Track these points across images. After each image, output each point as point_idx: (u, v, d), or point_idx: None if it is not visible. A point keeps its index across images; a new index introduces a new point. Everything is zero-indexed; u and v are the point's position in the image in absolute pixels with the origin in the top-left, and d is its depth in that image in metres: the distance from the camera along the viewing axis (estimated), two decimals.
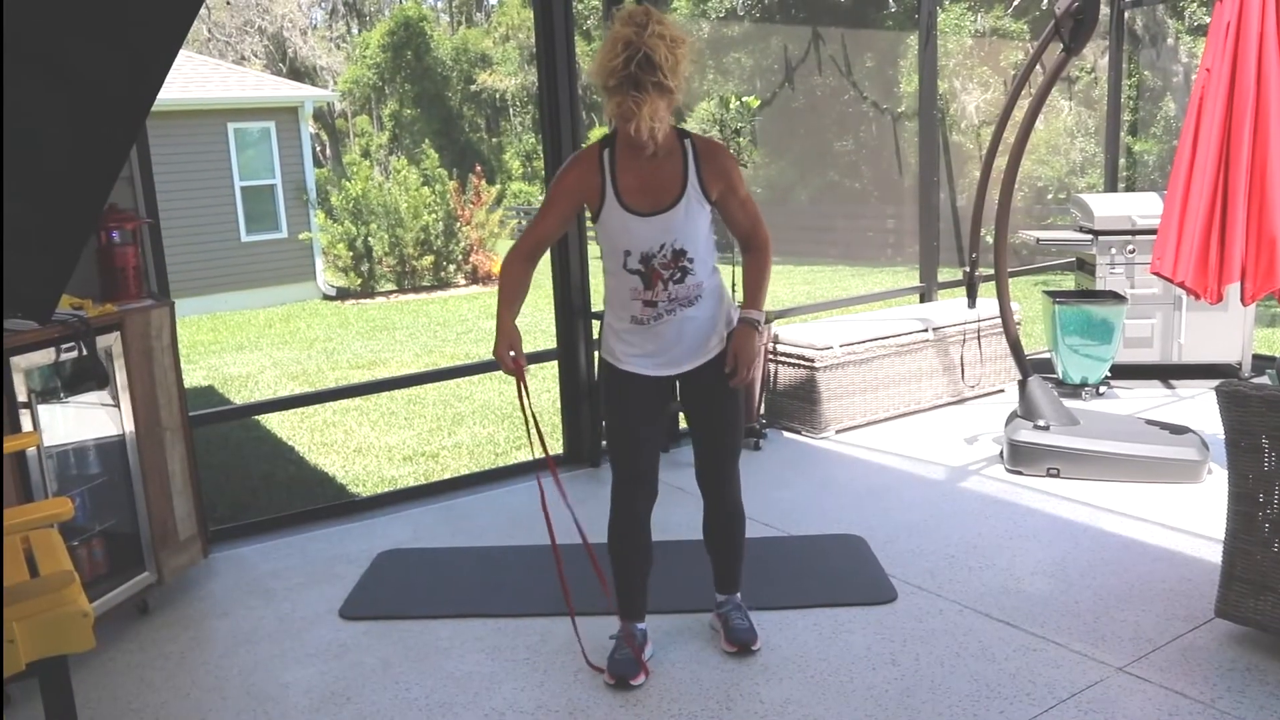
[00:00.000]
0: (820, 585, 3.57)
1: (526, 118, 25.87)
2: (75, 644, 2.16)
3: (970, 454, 4.97)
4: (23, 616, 2.01)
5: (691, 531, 3.97)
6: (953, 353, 5.84)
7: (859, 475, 4.79)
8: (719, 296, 2.92)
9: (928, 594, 3.46)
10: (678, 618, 3.35)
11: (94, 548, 3.45)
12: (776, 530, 4.09)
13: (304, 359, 10.38)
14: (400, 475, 5.86)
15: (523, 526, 4.29)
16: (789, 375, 5.51)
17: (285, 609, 3.64)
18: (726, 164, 2.84)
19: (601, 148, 2.83)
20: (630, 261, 2.81)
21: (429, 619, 3.48)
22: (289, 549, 4.21)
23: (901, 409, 5.68)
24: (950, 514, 4.20)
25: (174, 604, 3.71)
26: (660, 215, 2.77)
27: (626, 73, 2.57)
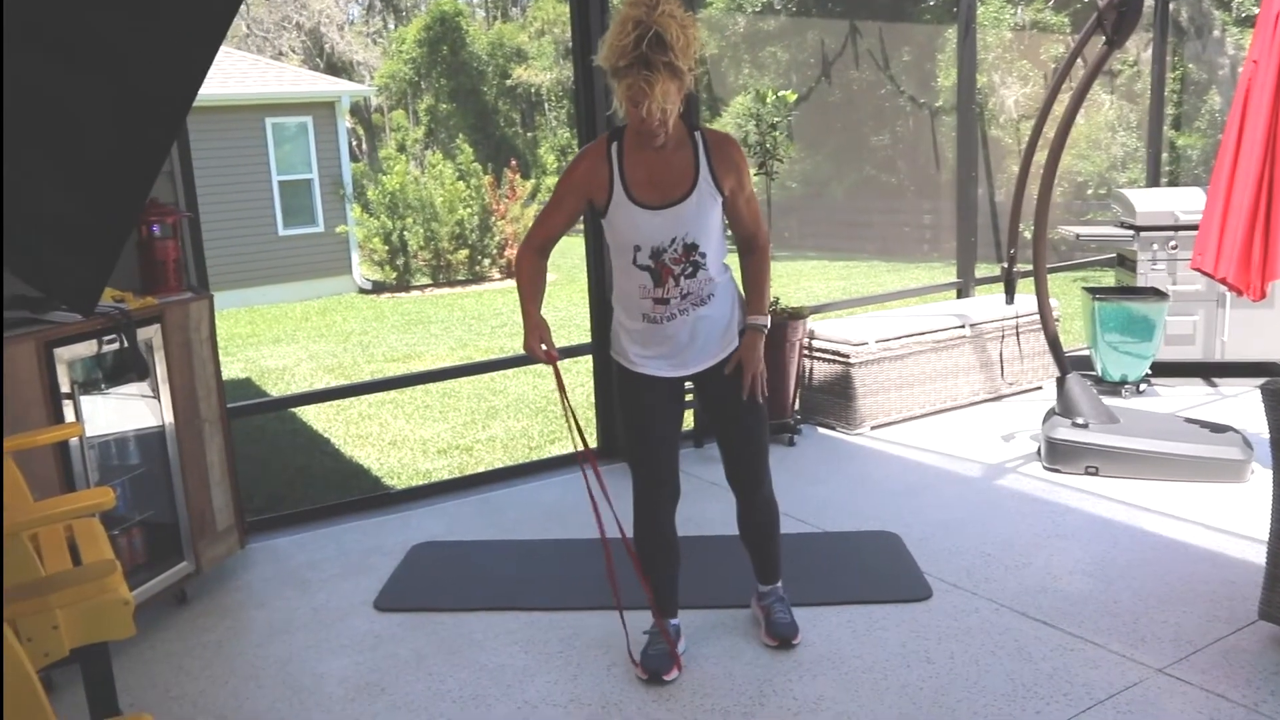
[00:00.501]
0: (854, 582, 3.55)
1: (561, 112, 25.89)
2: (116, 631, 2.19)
3: (1007, 451, 4.93)
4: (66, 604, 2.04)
5: (726, 527, 3.96)
6: (990, 349, 5.79)
7: (894, 472, 4.76)
8: (731, 295, 2.89)
9: (963, 592, 3.44)
10: (711, 613, 3.35)
11: (134, 537, 3.51)
12: (811, 526, 4.08)
13: (340, 352, 10.47)
14: (435, 468, 5.89)
15: (556, 520, 4.30)
16: (824, 371, 5.49)
17: (321, 600, 3.68)
18: (738, 157, 2.79)
19: (609, 141, 2.78)
20: (640, 257, 2.76)
21: (463, 611, 3.50)
22: (324, 540, 4.25)
23: (937, 405, 5.64)
24: (986, 512, 4.17)
25: (211, 593, 3.75)
26: (670, 208, 2.72)
27: (638, 52, 2.51)
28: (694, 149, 2.75)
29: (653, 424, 2.93)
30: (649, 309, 2.80)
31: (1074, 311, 7.89)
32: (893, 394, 5.47)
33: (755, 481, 3.03)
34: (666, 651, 2.99)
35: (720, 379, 2.89)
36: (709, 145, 2.76)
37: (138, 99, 1.70)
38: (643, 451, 2.96)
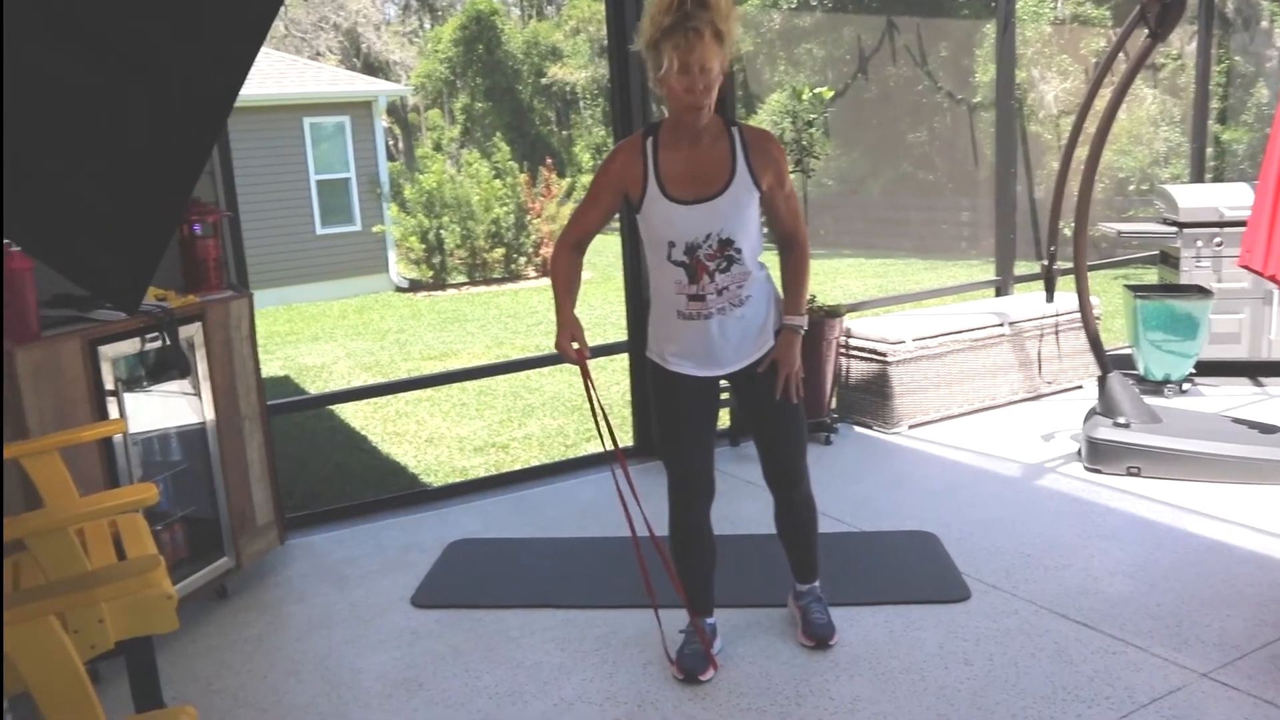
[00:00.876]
0: (891, 582, 3.53)
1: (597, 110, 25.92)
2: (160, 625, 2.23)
3: (1047, 451, 4.88)
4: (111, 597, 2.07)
5: (762, 525, 3.96)
6: (1029, 348, 5.73)
7: (932, 471, 4.73)
8: (768, 295, 2.86)
9: (1002, 593, 3.41)
10: (748, 612, 3.34)
11: (175, 532, 3.56)
12: (847, 525, 4.06)
13: (377, 350, 10.55)
14: (471, 466, 5.93)
15: (593, 518, 4.31)
16: (861, 369, 5.46)
17: (358, 596, 3.71)
18: (776, 154, 2.77)
19: (645, 136, 2.77)
20: (675, 253, 2.74)
21: (499, 608, 3.52)
22: (362, 537, 4.29)
23: (976, 405, 5.59)
24: (1026, 512, 4.13)
25: (251, 589, 3.80)
26: (706, 203, 2.70)
27: (681, 12, 2.49)
28: (731, 143, 2.73)
29: (687, 424, 2.93)
30: (683, 306, 2.79)
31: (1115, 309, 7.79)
32: (930, 393, 5.43)
33: (792, 480, 3.02)
34: (701, 651, 2.99)
35: (755, 378, 2.88)
36: (746, 140, 2.74)
37: (181, 100, 1.73)
38: (677, 451, 2.96)
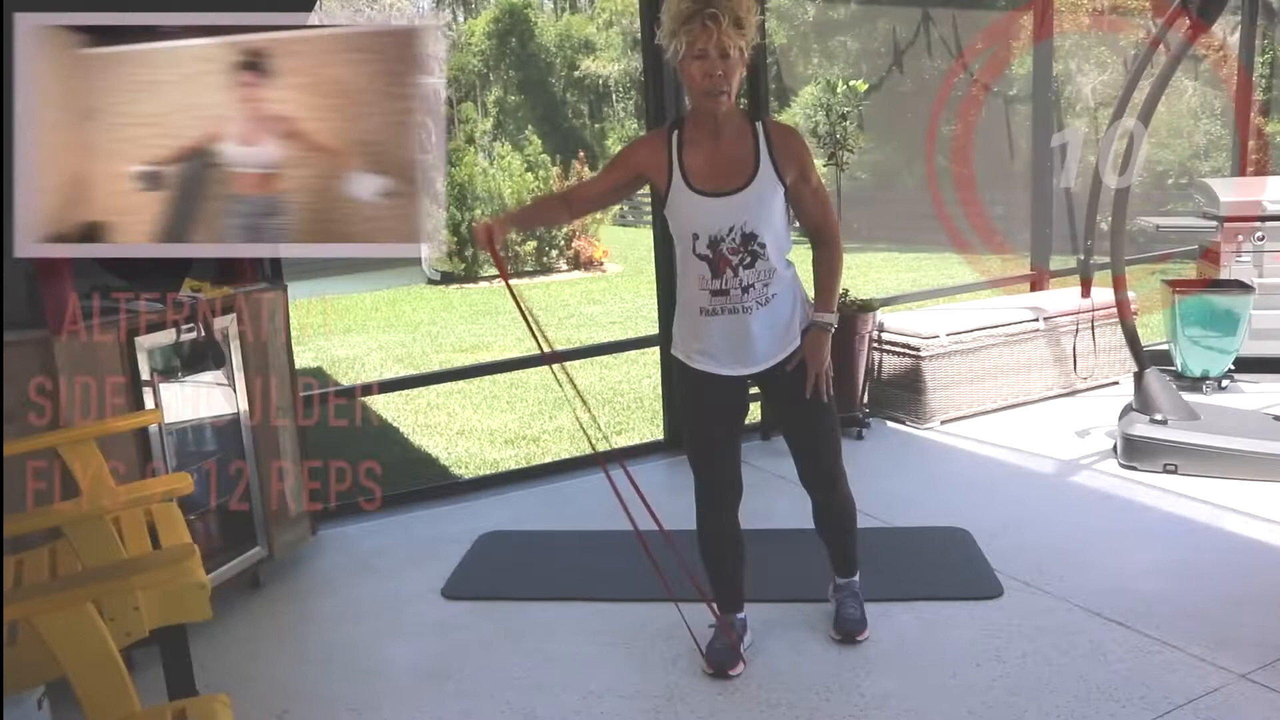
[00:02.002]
0: (923, 578, 3.52)
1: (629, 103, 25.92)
2: (193, 613, 2.26)
3: (1082, 448, 4.83)
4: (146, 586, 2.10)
5: (793, 520, 3.94)
6: (1065, 343, 5.67)
7: (964, 467, 4.70)
8: (795, 293, 2.84)
9: (1035, 590, 3.38)
10: (778, 607, 3.33)
11: (209, 522, 3.59)
12: (879, 521, 4.04)
13: (409, 342, 10.61)
14: (502, 458, 5.95)
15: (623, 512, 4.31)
16: (894, 364, 5.43)
17: (389, 587, 3.73)
18: (799, 147, 2.77)
19: (670, 129, 2.79)
20: (698, 246, 2.74)
21: (529, 601, 3.53)
22: (393, 529, 4.31)
23: (1010, 400, 5.55)
24: (1060, 509, 4.09)
25: (284, 579, 3.83)
26: (730, 196, 2.70)
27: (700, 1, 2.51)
28: (754, 138, 2.73)
29: (712, 425, 2.92)
30: (706, 302, 2.78)
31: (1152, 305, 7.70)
32: (964, 388, 5.39)
33: (829, 481, 3.00)
34: (729, 646, 2.99)
35: (783, 377, 2.86)
36: (770, 135, 2.74)
37: None
38: (703, 454, 2.96)
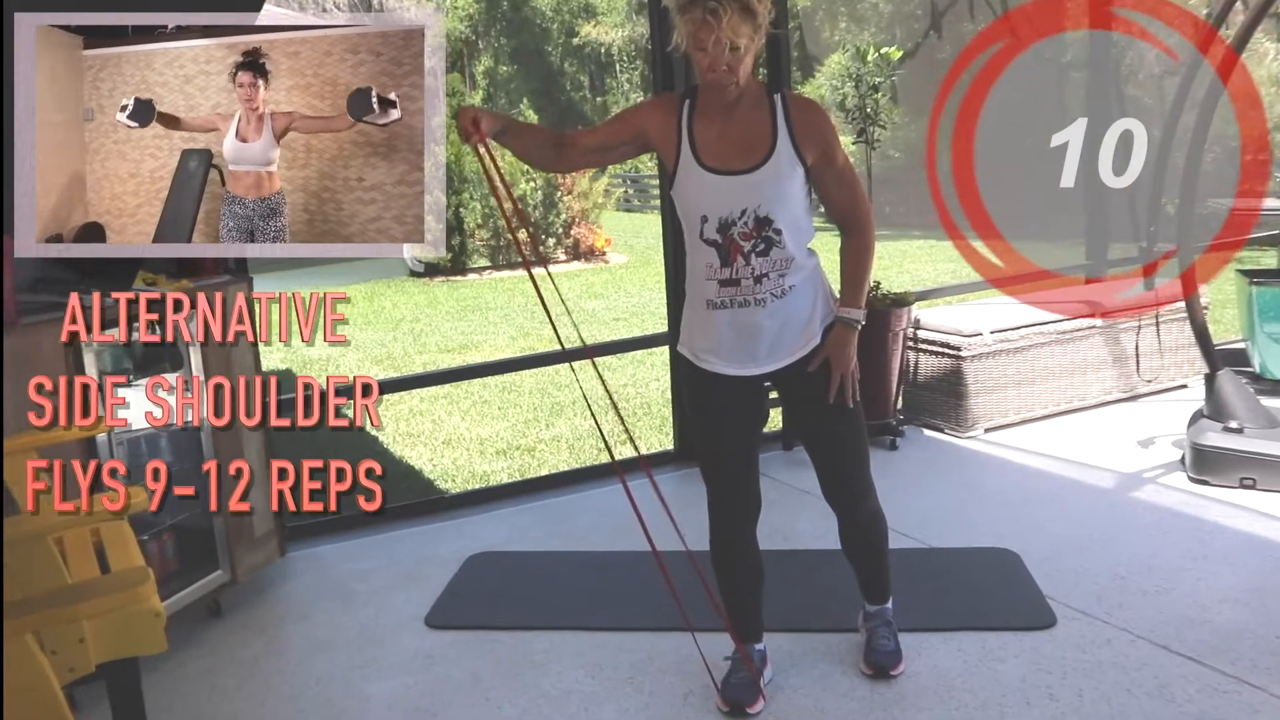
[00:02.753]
0: (966, 605, 3.50)
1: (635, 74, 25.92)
2: (147, 645, 2.24)
3: (1145, 459, 4.82)
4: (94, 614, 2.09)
5: (818, 539, 3.93)
6: (1125, 341, 5.66)
7: (1012, 481, 4.69)
8: (816, 285, 2.83)
9: (1093, 620, 3.36)
10: (802, 637, 3.32)
11: (164, 543, 3.59)
12: (915, 541, 4.03)
13: (389, 341, 10.62)
14: (493, 470, 5.95)
15: (629, 530, 4.27)
16: (931, 365, 5.42)
17: (367, 614, 3.73)
18: (822, 124, 2.75)
19: (682, 98, 2.78)
20: (706, 230, 2.73)
21: (524, 630, 3.53)
22: (372, 549, 4.31)
23: (1063, 405, 5.53)
24: (1121, 528, 4.08)
25: (248, 605, 3.83)
26: (743, 175, 2.69)
27: None
28: (772, 111, 2.72)
29: (725, 430, 2.91)
30: (715, 293, 2.77)
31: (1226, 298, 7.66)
32: (1010, 392, 5.38)
33: (855, 496, 2.98)
34: (749, 680, 2.97)
35: (802, 379, 2.84)
36: (790, 109, 2.72)
37: None
38: (715, 461, 2.95)
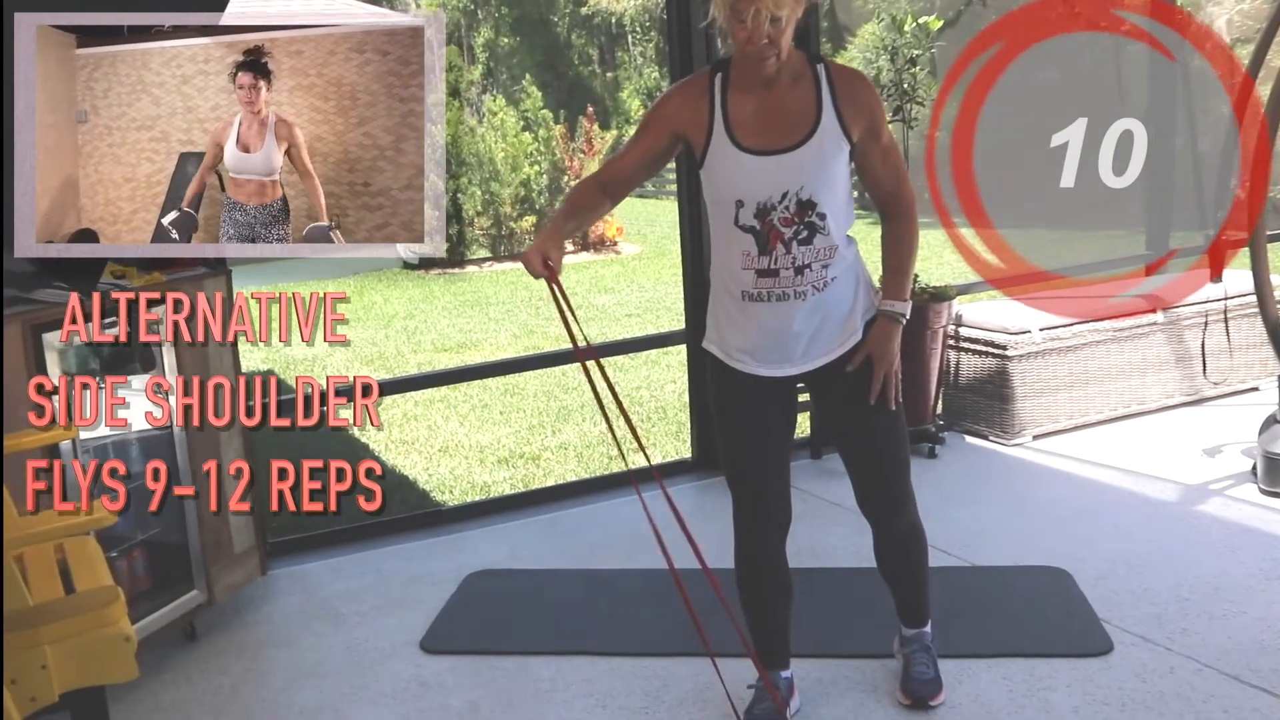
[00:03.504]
0: (1012, 630, 3.50)
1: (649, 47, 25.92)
2: (116, 673, 2.24)
3: (1212, 469, 4.80)
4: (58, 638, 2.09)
5: (850, 556, 3.92)
6: (1189, 340, 5.63)
7: (1063, 493, 4.68)
8: (857, 276, 2.84)
9: (1154, 646, 3.35)
10: (833, 663, 3.32)
11: (135, 560, 3.60)
12: (957, 559, 4.02)
13: (380, 339, 10.64)
14: (494, 481, 5.95)
15: (642, 546, 4.27)
16: (975, 366, 5.41)
17: (356, 638, 3.74)
18: (870, 98, 2.75)
19: (713, 73, 2.78)
20: (742, 215, 2.72)
21: (527, 655, 3.53)
22: (362, 566, 4.32)
23: (1120, 410, 5.52)
24: (1184, 545, 4.06)
25: (226, 628, 3.84)
26: (783, 155, 2.69)
27: None
28: (815, 84, 2.71)
29: (754, 434, 2.91)
30: (750, 284, 2.76)
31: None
32: (1061, 395, 5.36)
33: (893, 508, 2.98)
34: (774, 711, 2.97)
35: (840, 379, 2.84)
36: (834, 81, 2.72)
37: None
38: (742, 468, 2.95)
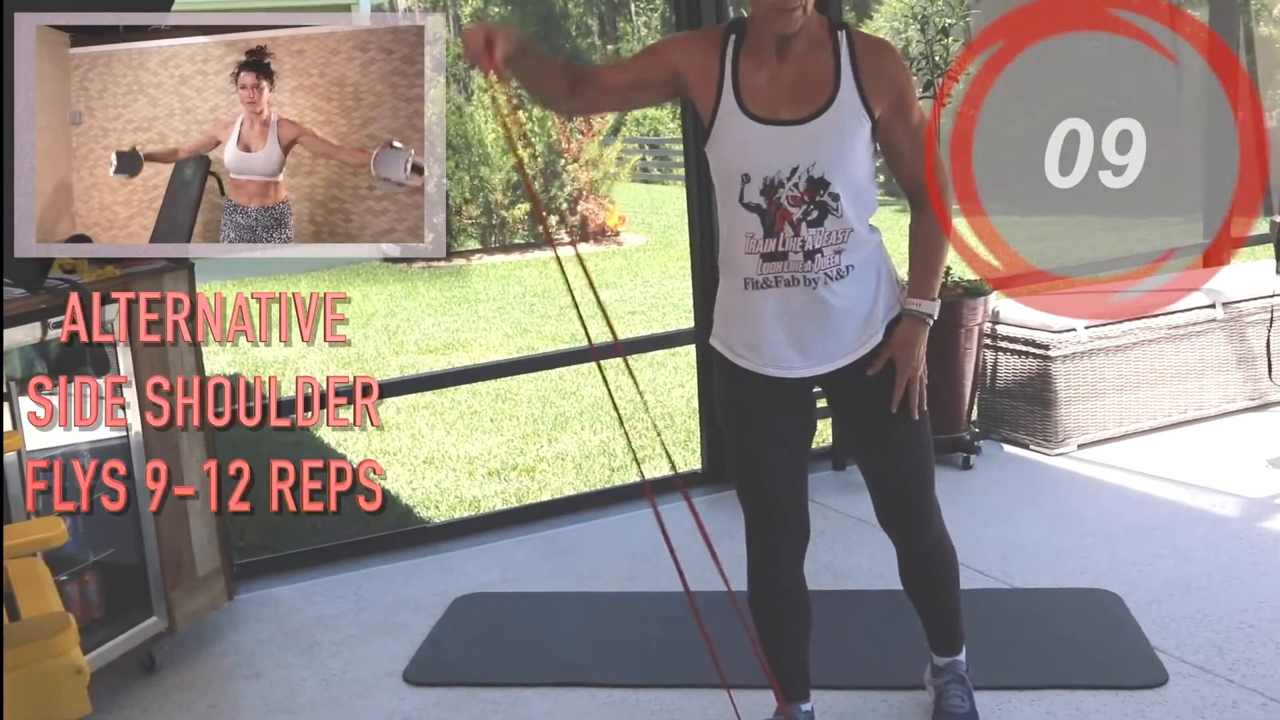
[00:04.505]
0: (1056, 659, 3.49)
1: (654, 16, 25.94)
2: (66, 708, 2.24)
3: (1277, 482, 4.79)
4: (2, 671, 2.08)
5: (878, 578, 3.92)
6: (1253, 338, 5.63)
7: (1111, 508, 4.67)
8: (880, 268, 2.82)
9: (1214, 678, 3.34)
10: (858, 695, 3.32)
11: (87, 584, 3.59)
12: (994, 580, 4.02)
13: (359, 339, 10.64)
14: (485, 495, 5.94)
15: (646, 565, 4.30)
16: (1013, 368, 5.40)
17: (333, 669, 3.73)
18: (896, 70, 2.75)
19: (727, 33, 2.77)
20: (748, 191, 2.71)
21: (521, 687, 3.52)
22: (339, 590, 4.32)
23: (1175, 416, 5.51)
24: (1247, 566, 4.05)
25: (189, 659, 3.83)
26: (796, 126, 2.68)
27: None
28: (835, 53, 2.71)
29: (763, 442, 2.90)
30: (755, 270, 2.75)
31: None
32: (1109, 400, 5.36)
33: (917, 523, 2.98)
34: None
35: (858, 385, 2.83)
36: (856, 49, 2.71)
37: None
38: (752, 479, 2.94)
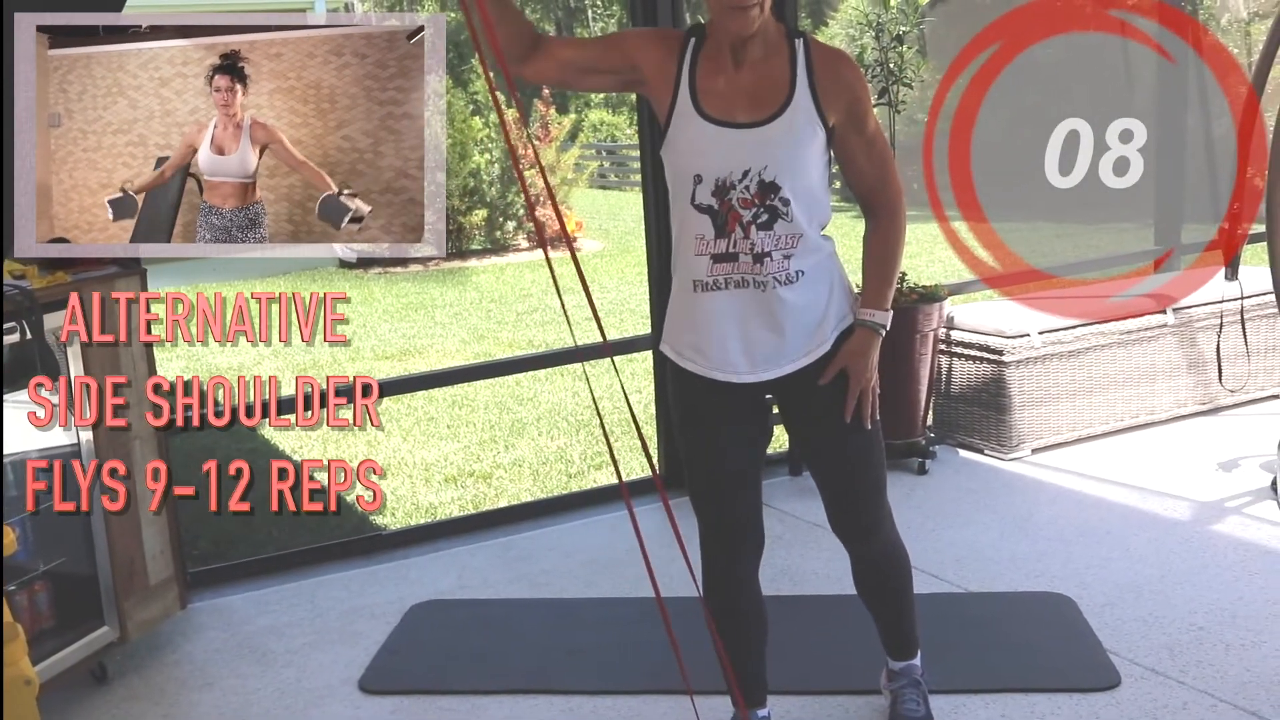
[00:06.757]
0: (1011, 662, 3.52)
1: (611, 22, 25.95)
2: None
3: (1228, 485, 4.85)
4: None
5: (832, 582, 3.94)
6: (1203, 343, 5.68)
7: (1064, 512, 4.71)
8: (832, 276, 2.84)
9: (1165, 680, 3.38)
10: (815, 700, 3.33)
11: (36, 594, 3.56)
12: (949, 585, 4.04)
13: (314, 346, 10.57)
14: (441, 502, 5.94)
15: (605, 571, 4.31)
16: (968, 373, 5.43)
17: (287, 678, 3.72)
18: (852, 78, 2.78)
19: (688, 36, 2.80)
20: (700, 193, 2.73)
21: (478, 695, 3.52)
22: (293, 598, 4.30)
23: (1127, 421, 5.56)
24: (1196, 569, 4.10)
25: (141, 669, 3.81)
26: (749, 129, 2.70)
27: None
28: (792, 59, 2.73)
29: (718, 450, 2.91)
30: (705, 271, 2.76)
31: None
32: (1063, 405, 5.40)
33: (868, 530, 2.99)
34: None
35: (809, 393, 2.84)
36: (813, 57, 2.74)
37: None
38: (706, 487, 2.95)
